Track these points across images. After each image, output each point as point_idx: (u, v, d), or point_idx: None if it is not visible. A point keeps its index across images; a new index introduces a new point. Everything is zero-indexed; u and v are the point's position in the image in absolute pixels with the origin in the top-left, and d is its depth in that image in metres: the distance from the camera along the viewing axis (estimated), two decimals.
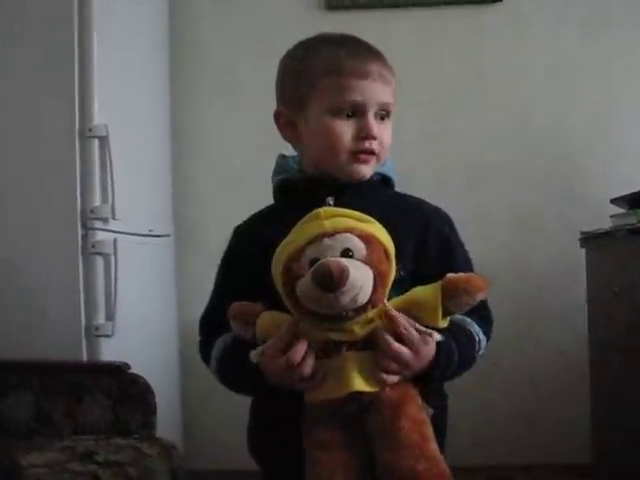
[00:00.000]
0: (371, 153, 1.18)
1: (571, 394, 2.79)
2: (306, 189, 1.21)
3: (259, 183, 1.40)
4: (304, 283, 0.99)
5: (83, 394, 1.96)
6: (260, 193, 1.31)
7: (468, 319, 1.14)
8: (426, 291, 1.05)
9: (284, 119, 1.23)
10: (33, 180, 2.17)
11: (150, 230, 2.58)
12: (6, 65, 2.19)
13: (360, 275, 0.98)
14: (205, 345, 1.23)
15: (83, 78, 2.17)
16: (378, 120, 1.18)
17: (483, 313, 1.17)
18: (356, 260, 1.00)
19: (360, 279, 0.98)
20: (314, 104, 1.18)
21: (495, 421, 2.86)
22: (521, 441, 2.84)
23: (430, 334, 1.03)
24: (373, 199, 1.19)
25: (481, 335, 1.16)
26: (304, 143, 1.22)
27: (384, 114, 1.19)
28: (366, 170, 1.19)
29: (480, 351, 1.16)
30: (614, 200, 2.39)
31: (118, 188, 2.19)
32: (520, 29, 2.92)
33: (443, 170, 2.89)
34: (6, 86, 2.19)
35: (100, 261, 2.19)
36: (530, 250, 2.89)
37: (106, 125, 2.17)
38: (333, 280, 0.96)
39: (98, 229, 2.19)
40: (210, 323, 1.25)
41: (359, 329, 1.02)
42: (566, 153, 2.89)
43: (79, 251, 2.15)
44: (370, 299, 1.00)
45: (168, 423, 2.32)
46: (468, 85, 2.92)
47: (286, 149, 1.29)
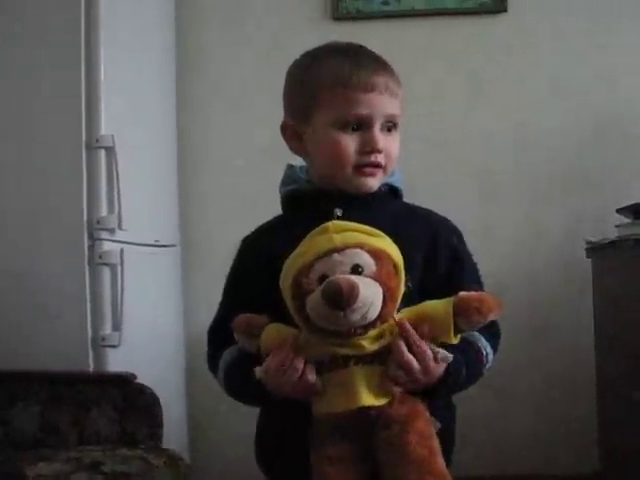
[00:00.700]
0: (377, 166, 1.17)
1: (578, 404, 2.78)
2: (314, 200, 1.21)
3: (268, 195, 1.39)
4: (314, 300, 0.99)
5: (89, 404, 1.95)
6: (268, 205, 1.30)
7: (476, 333, 1.13)
8: (437, 306, 1.05)
9: (290, 131, 1.23)
10: (40, 191, 2.18)
11: (156, 240, 2.58)
12: (14, 78, 2.20)
13: (370, 292, 0.98)
14: (213, 357, 1.23)
15: (90, 89, 2.18)
16: (385, 132, 1.17)
17: (491, 327, 1.16)
18: (365, 277, 1.00)
19: (370, 296, 0.98)
20: (319, 116, 1.17)
21: (499, 431, 2.85)
22: (524, 452, 2.83)
23: (444, 358, 1.03)
24: (381, 210, 1.19)
25: (488, 349, 1.15)
26: (311, 154, 1.22)
27: (391, 125, 1.18)
28: (372, 183, 1.19)
29: (487, 364, 1.16)
30: (620, 210, 2.39)
31: (124, 198, 2.19)
32: (525, 39, 2.92)
33: (448, 181, 2.89)
34: (12, 98, 2.20)
35: (107, 271, 2.19)
36: (536, 260, 2.89)
37: (112, 136, 2.18)
38: (343, 298, 0.96)
39: (105, 239, 2.19)
40: (218, 334, 1.25)
41: (368, 344, 1.02)
42: (571, 163, 2.89)
43: (86, 261, 2.15)
44: (379, 315, 1.00)
45: (174, 434, 2.32)
46: (473, 95, 2.92)
47: (294, 160, 1.29)
